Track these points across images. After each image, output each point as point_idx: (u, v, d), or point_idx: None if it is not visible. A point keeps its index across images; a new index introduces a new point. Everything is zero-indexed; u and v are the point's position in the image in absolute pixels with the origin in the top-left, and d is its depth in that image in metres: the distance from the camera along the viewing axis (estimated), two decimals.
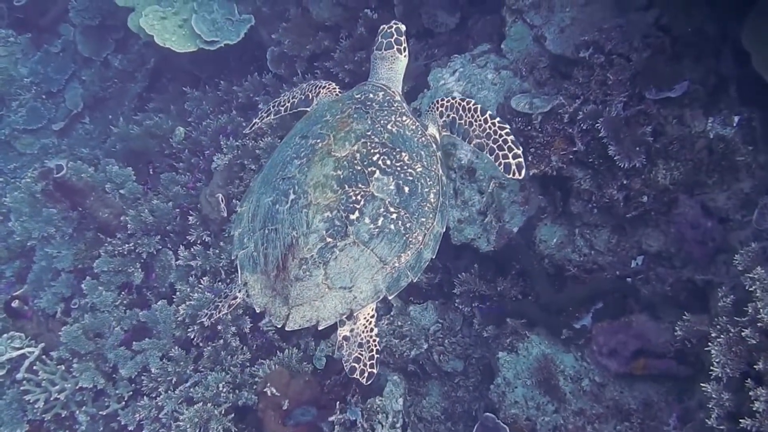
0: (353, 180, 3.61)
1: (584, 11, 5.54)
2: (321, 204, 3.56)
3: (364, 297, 3.60)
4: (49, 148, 10.31)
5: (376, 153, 3.70)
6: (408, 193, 3.69)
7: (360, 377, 3.65)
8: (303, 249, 3.52)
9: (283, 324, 3.58)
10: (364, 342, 3.72)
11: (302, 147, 3.85)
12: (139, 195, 7.52)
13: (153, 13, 8.12)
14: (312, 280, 3.54)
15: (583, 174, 5.31)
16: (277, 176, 3.84)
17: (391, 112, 3.95)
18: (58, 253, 7.44)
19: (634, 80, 5.11)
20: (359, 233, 3.55)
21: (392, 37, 4.33)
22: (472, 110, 4.02)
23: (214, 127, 7.71)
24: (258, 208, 3.88)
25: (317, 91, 4.54)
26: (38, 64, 10.70)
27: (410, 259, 3.68)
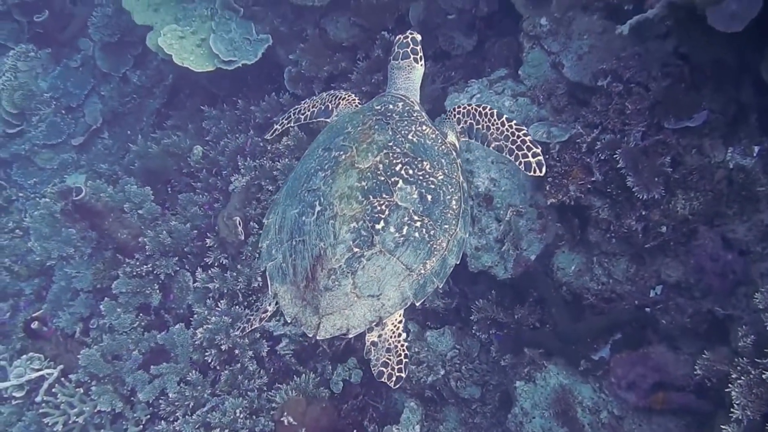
0: (377, 190, 3.69)
1: (602, 39, 5.50)
2: (347, 215, 3.64)
3: (392, 304, 3.68)
4: (69, 163, 10.38)
5: (398, 163, 3.79)
6: (431, 201, 3.77)
7: (388, 381, 3.73)
8: (331, 260, 3.60)
9: (315, 333, 3.66)
10: (392, 347, 3.79)
11: (326, 159, 3.93)
12: (157, 215, 7.56)
13: (171, 33, 8.14)
14: (341, 290, 3.62)
15: (601, 203, 5.27)
16: (302, 188, 3.92)
17: (411, 122, 4.03)
18: (77, 273, 7.50)
19: (652, 109, 5.07)
20: (385, 242, 3.63)
21: (408, 47, 4.44)
22: (489, 114, 4.16)
23: (231, 147, 7.73)
24: (284, 220, 3.96)
25: (337, 102, 4.64)
26: (58, 78, 10.78)
27: (435, 266, 3.76)
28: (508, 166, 5.61)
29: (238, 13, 8.13)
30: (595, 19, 5.57)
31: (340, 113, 4.56)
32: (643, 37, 5.32)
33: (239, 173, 7.35)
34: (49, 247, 7.54)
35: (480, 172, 5.60)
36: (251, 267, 6.60)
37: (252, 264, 6.62)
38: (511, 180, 5.59)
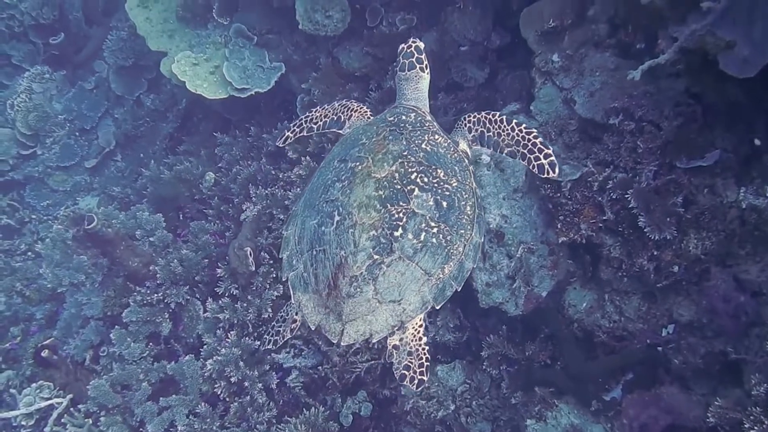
0: (394, 199, 3.82)
1: (614, 76, 5.48)
2: (366, 223, 3.76)
3: (413, 309, 3.80)
4: (82, 185, 10.44)
5: (413, 172, 3.91)
6: (446, 208, 3.89)
7: (410, 384, 3.84)
8: (352, 267, 3.72)
9: (339, 339, 3.78)
10: (414, 350, 3.91)
11: (342, 170, 4.05)
12: (168, 242, 7.57)
13: (185, 59, 8.18)
14: (363, 296, 3.73)
15: (612, 241, 5.25)
16: (320, 199, 4.04)
17: (424, 132, 4.18)
18: (87, 300, 7.53)
19: (664, 148, 5.05)
20: (404, 249, 3.75)
21: (413, 57, 4.56)
22: (498, 121, 4.30)
23: (243, 175, 7.74)
24: (303, 230, 4.08)
25: (349, 114, 4.79)
26: (72, 101, 10.86)
27: (453, 270, 3.88)
28: (520, 202, 5.60)
29: (251, 41, 8.17)
30: (607, 56, 5.56)
31: (352, 125, 4.71)
32: (655, 75, 5.30)
33: (251, 201, 7.35)
34: (60, 274, 7.56)
35: (491, 208, 5.58)
36: (261, 298, 6.60)
37: (262, 295, 6.61)
38: (523, 217, 5.58)
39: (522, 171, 5.59)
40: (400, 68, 4.58)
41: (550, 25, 5.72)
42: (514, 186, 5.60)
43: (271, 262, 6.83)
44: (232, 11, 8.34)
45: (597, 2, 5.58)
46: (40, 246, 7.88)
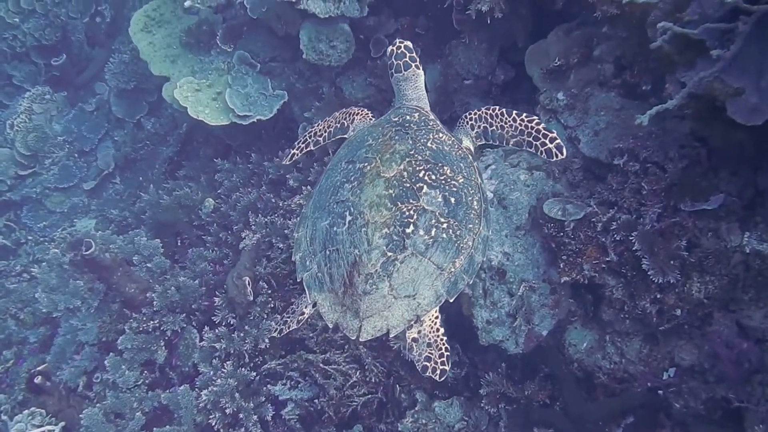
0: (404, 197, 3.89)
1: (619, 116, 5.48)
2: (378, 222, 3.84)
3: (428, 302, 3.86)
4: (79, 207, 10.41)
5: (421, 170, 3.99)
6: (454, 203, 3.96)
7: (432, 374, 3.90)
8: (367, 265, 3.78)
9: (357, 335, 3.82)
10: (433, 341, 3.99)
11: (351, 171, 4.12)
12: (166, 269, 7.53)
13: (187, 85, 8.18)
14: (379, 293, 3.80)
15: (615, 282, 5.21)
16: (330, 201, 4.10)
17: (429, 131, 4.26)
18: (83, 325, 7.47)
19: (669, 191, 5.02)
20: (416, 245, 3.82)
21: (406, 57, 4.59)
22: (500, 114, 4.38)
23: (243, 203, 7.71)
24: (315, 231, 4.13)
25: (351, 119, 4.87)
26: (72, 122, 10.86)
27: (464, 264, 3.96)
28: (522, 240, 5.57)
29: (254, 68, 8.18)
30: (612, 96, 5.56)
31: (356, 128, 4.80)
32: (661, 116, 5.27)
33: (250, 230, 7.32)
34: (56, 299, 7.49)
35: (493, 245, 5.55)
36: (259, 328, 6.54)
37: (260, 325, 6.56)
38: (525, 255, 5.55)
39: (525, 208, 5.57)
40: (395, 70, 4.62)
41: (555, 63, 5.73)
42: (516, 223, 5.57)
43: (269, 291, 6.78)
44: (236, 38, 8.36)
45: (603, 42, 5.59)
46: (37, 270, 7.80)
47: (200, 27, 8.58)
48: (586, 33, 5.70)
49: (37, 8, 11.55)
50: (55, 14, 11.52)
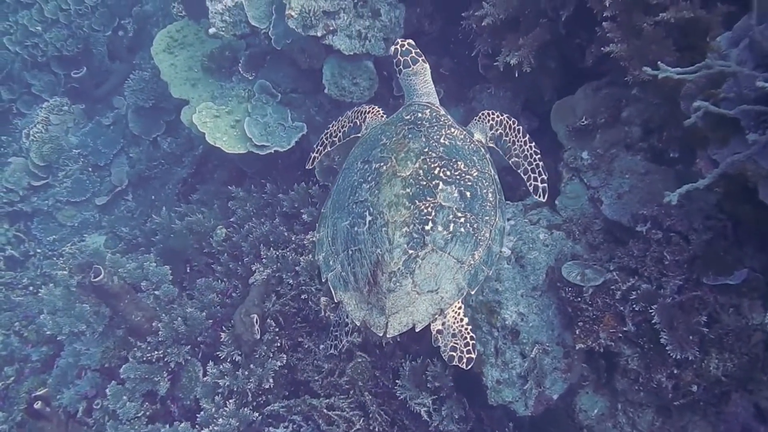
0: (421, 194, 4.05)
1: (644, 180, 5.38)
2: (398, 221, 3.98)
3: (450, 296, 4.03)
4: (90, 222, 10.36)
5: (436, 167, 4.14)
6: (470, 197, 4.13)
7: (459, 363, 4.09)
8: (390, 264, 3.93)
9: (384, 332, 3.97)
10: (457, 332, 4.15)
11: (367, 171, 4.26)
12: (173, 297, 7.44)
13: (206, 110, 8.11)
14: (402, 290, 3.95)
15: (631, 352, 5.10)
16: (349, 201, 4.24)
17: (441, 127, 4.42)
18: (86, 350, 7.38)
19: (691, 262, 4.91)
20: (435, 241, 3.98)
21: (412, 52, 4.76)
22: (516, 130, 4.75)
23: (255, 234, 7.61)
24: (336, 231, 4.27)
25: (363, 117, 5.07)
26: (88, 135, 10.83)
27: (483, 255, 4.13)
28: (538, 300, 5.46)
29: (275, 98, 8.12)
30: (638, 160, 5.46)
31: (368, 126, 4.97)
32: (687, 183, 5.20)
33: (261, 263, 7.22)
34: (60, 321, 7.39)
35: (509, 304, 5.44)
36: (264, 367, 6.43)
37: (265, 364, 6.45)
38: (540, 316, 5.44)
39: (543, 269, 5.46)
40: (403, 65, 4.75)
41: (582, 122, 5.64)
42: (533, 283, 5.47)
43: (277, 329, 6.69)
44: (258, 67, 8.30)
45: (632, 104, 5.49)
46: (43, 291, 7.70)
47: (223, 52, 8.53)
48: (615, 93, 5.61)
49: (61, 18, 11.59)
50: (78, 25, 11.55)
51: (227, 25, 7.98)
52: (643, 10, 5.04)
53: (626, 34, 5.08)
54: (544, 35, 5.72)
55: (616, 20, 5.12)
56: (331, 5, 7.09)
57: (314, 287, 6.83)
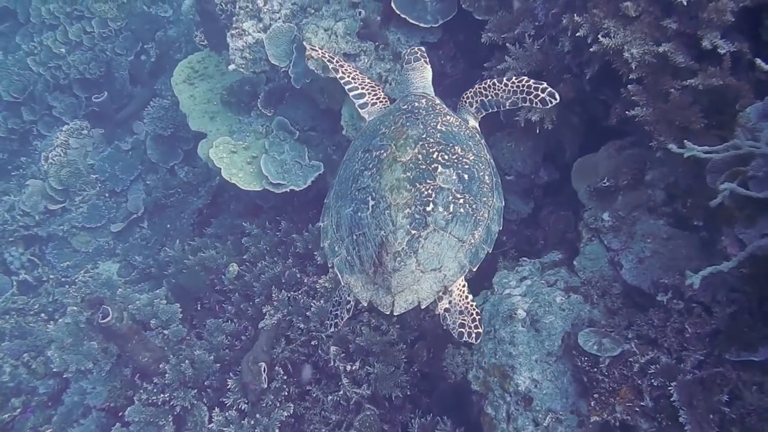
0: (422, 178, 4.21)
1: (666, 246, 5.20)
2: (400, 203, 4.14)
3: (453, 273, 4.18)
4: (104, 249, 10.32)
5: (434, 151, 4.32)
6: (468, 180, 4.29)
7: (468, 338, 4.30)
8: (394, 244, 4.08)
9: (391, 310, 4.10)
10: (464, 309, 4.34)
11: (368, 159, 4.43)
12: (182, 337, 7.33)
13: (224, 145, 8.03)
14: (407, 269, 4.09)
15: (648, 426, 4.87)
16: (351, 189, 4.40)
17: (437, 114, 4.62)
18: (92, 388, 7.30)
19: (714, 336, 4.72)
20: (437, 221, 4.13)
21: (417, 53, 5.26)
22: (492, 85, 4.89)
23: (267, 275, 7.49)
24: (340, 219, 4.43)
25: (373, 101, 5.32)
26: (106, 160, 10.80)
27: (482, 234, 4.29)
28: (553, 367, 5.28)
29: (293, 135, 8.01)
30: (660, 224, 5.28)
31: (371, 114, 5.17)
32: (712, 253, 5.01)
33: (272, 305, 7.09)
34: (68, 359, 7.30)
35: (522, 369, 5.27)
36: (270, 417, 6.30)
37: (271, 414, 6.32)
38: (554, 383, 5.25)
39: (559, 334, 5.28)
40: (406, 62, 5.21)
41: (604, 183, 5.47)
42: (548, 349, 5.28)
43: (285, 377, 6.56)
44: (277, 103, 8.21)
45: (656, 168, 5.33)
46: (52, 327, 7.61)
47: (242, 87, 8.46)
48: (639, 155, 5.44)
49: (85, 41, 11.62)
50: (102, 49, 11.60)
51: (247, 62, 7.88)
52: (670, 73, 4.91)
53: (652, 98, 4.94)
54: (568, 92, 5.57)
55: (642, 83, 4.99)
56: (352, 47, 6.99)
57: (324, 334, 6.69)
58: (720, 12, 4.58)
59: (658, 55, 4.83)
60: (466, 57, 7.33)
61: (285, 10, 7.78)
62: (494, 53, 6.26)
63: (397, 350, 6.37)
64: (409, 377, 6.32)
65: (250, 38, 7.81)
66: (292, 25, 7.54)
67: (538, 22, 5.94)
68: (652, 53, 4.85)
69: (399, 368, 6.33)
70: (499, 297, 5.72)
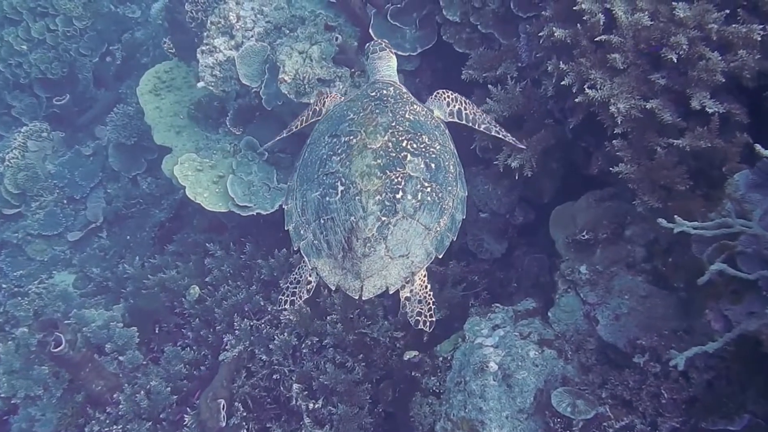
0: (392, 165, 4.29)
1: (644, 304, 5.08)
2: (371, 190, 4.20)
3: (420, 260, 4.30)
4: (60, 259, 9.93)
5: (403, 140, 4.41)
6: (434, 169, 4.39)
7: (423, 327, 4.36)
8: (365, 230, 4.15)
9: (360, 294, 4.21)
10: (422, 298, 4.39)
11: (336, 144, 4.47)
12: (139, 364, 7.05)
13: (189, 162, 7.73)
14: (377, 254, 4.18)
15: None
16: (318, 173, 4.44)
17: (404, 103, 4.71)
18: (42, 416, 6.95)
19: (690, 404, 4.61)
20: (406, 208, 4.22)
21: (382, 44, 5.35)
22: (472, 105, 5.13)
23: (230, 302, 7.21)
24: (306, 202, 4.46)
25: (323, 101, 5.28)
26: (66, 165, 10.42)
27: (447, 223, 4.41)
28: (524, 424, 5.11)
29: (262, 156, 7.75)
30: (639, 281, 5.15)
31: (328, 108, 5.18)
32: (690, 312, 4.91)
33: (233, 335, 6.84)
34: (17, 384, 6.97)
35: (492, 426, 5.09)
36: None
37: None
38: None
39: (531, 391, 5.11)
40: (371, 52, 5.27)
41: (582, 237, 5.32)
42: (520, 406, 5.11)
43: (245, 414, 6.32)
44: (247, 123, 7.95)
45: (637, 223, 5.20)
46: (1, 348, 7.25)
47: (211, 102, 8.17)
48: (620, 208, 5.32)
49: (48, 39, 11.22)
50: (65, 48, 11.20)
51: (217, 80, 7.61)
52: (656, 129, 4.77)
53: (637, 154, 4.81)
54: (549, 139, 5.43)
55: (627, 137, 4.85)
56: (327, 73, 6.77)
57: (287, 368, 6.48)
58: (710, 72, 4.46)
59: (645, 110, 4.69)
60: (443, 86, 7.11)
61: (258, 28, 7.52)
62: (473, 89, 6.08)
63: (362, 390, 6.15)
64: (374, 419, 6.12)
65: (221, 55, 7.54)
66: (265, 45, 7.29)
67: (521, 63, 5.80)
68: (639, 108, 4.71)
69: (363, 409, 6.11)
70: (470, 345, 5.54)
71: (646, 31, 4.70)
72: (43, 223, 10.02)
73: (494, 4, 6.07)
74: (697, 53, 4.51)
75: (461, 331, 5.81)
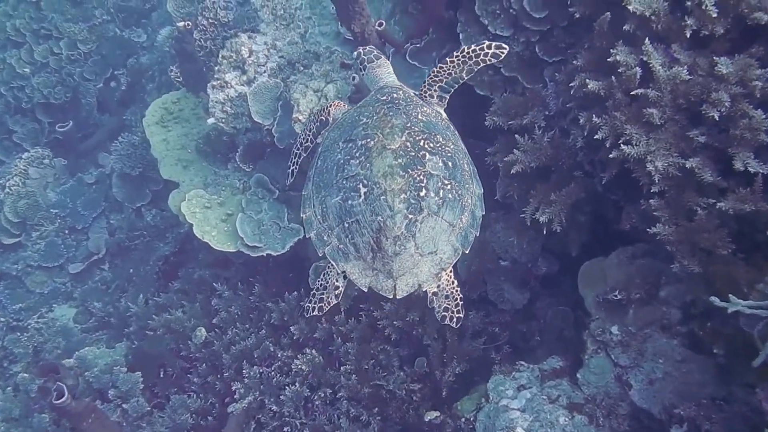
0: (413, 164, 4.34)
1: (680, 369, 4.82)
2: (395, 189, 4.25)
3: (448, 256, 4.38)
4: (60, 292, 9.68)
5: (420, 139, 4.47)
6: (452, 167, 4.46)
7: (450, 322, 4.42)
8: (393, 228, 4.20)
9: (393, 294, 4.26)
10: (450, 294, 4.44)
11: (353, 149, 4.49)
12: (143, 413, 6.79)
13: (197, 199, 7.49)
14: (407, 252, 4.24)
15: None
16: (337, 178, 4.46)
17: (415, 105, 4.76)
18: None
19: None
20: (430, 206, 4.28)
21: (373, 52, 5.30)
22: (441, 68, 4.98)
23: (238, 348, 6.95)
24: (326, 208, 4.50)
25: (328, 111, 5.34)
26: (68, 194, 10.18)
27: (469, 219, 4.47)
28: None
29: (272, 194, 7.51)
30: (674, 344, 4.90)
31: (334, 116, 5.24)
32: (728, 380, 4.66)
33: (242, 382, 6.58)
34: None
35: None
36: None
37: None
38: None
39: None
40: (368, 62, 5.23)
41: (615, 297, 5.07)
42: None
43: None
44: (257, 159, 7.71)
45: (672, 284, 4.95)
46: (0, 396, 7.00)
47: (220, 137, 7.92)
48: (654, 266, 5.06)
49: (51, 63, 10.99)
50: (69, 72, 10.97)
51: (228, 116, 7.37)
52: (695, 189, 4.53)
53: (675, 215, 4.56)
54: (579, 192, 5.19)
55: (665, 196, 4.60)
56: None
57: (299, 421, 6.22)
58: (754, 131, 4.23)
59: (684, 169, 4.46)
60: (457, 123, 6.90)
61: (271, 63, 7.29)
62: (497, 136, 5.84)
63: None
64: None
65: (233, 91, 7.30)
66: (278, 81, 7.06)
67: (549, 112, 5.55)
68: (678, 166, 4.47)
69: None
70: (495, 407, 5.29)
71: (685, 85, 4.47)
72: (43, 254, 9.76)
73: (518, 47, 5.84)
74: (740, 111, 4.28)
75: (483, 388, 5.56)
